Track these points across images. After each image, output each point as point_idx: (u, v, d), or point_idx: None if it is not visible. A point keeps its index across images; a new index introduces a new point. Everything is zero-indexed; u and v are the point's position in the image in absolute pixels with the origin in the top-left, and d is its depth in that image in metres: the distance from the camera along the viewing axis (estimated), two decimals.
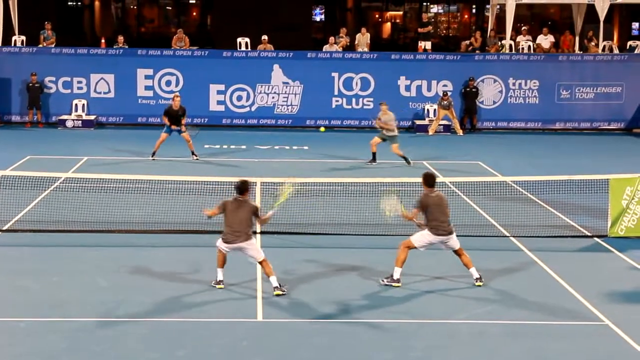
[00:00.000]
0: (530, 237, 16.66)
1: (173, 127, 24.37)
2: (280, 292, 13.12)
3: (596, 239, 16.85)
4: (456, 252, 13.80)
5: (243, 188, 13.28)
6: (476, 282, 13.70)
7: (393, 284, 13.59)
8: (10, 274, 13.88)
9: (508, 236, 16.78)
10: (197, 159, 24.30)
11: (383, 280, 13.72)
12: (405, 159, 24.26)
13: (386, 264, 14.94)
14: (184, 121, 24.69)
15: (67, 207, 17.55)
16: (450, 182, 20.14)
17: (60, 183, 19.71)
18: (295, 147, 27.75)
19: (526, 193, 20.03)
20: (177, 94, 25.96)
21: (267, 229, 16.64)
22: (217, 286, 13.37)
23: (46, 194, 18.92)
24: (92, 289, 13.24)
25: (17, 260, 14.75)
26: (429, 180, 13.65)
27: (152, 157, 24.58)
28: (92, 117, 31.27)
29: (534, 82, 32.14)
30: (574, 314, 12.65)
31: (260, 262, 13.33)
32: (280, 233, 16.67)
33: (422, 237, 13.65)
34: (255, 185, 18.62)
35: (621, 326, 12.04)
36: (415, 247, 13.70)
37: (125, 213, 17.42)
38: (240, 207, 13.22)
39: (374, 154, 24.54)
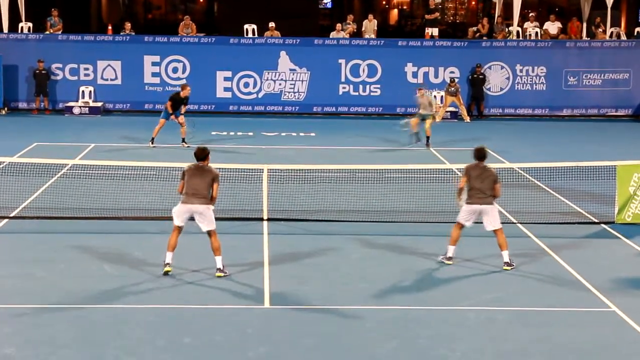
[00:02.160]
0: (537, 223, 16.63)
1: (172, 117, 24.33)
2: (222, 274, 13.21)
3: (603, 225, 16.81)
4: (495, 231, 13.96)
5: (200, 155, 13.40)
6: (504, 266, 13.92)
7: (445, 261, 14.08)
8: (17, 261, 13.90)
9: (515, 223, 16.75)
10: (187, 147, 24.28)
11: (440, 257, 14.26)
12: (428, 139, 24.95)
13: (393, 250, 14.94)
14: (184, 109, 24.73)
15: (74, 195, 17.56)
16: (457, 169, 20.09)
17: (67, 170, 19.72)
18: (302, 134, 27.73)
19: (533, 180, 19.99)
20: (187, 84, 25.70)
21: (274, 216, 16.64)
22: (165, 269, 13.27)
23: (53, 181, 18.93)
24: (99, 276, 13.24)
25: (24, 247, 14.76)
26: (476, 153, 14.21)
27: (151, 143, 24.68)
28: (99, 104, 31.29)
29: (542, 69, 32.06)
30: (581, 301, 12.62)
31: (209, 233, 13.26)
32: (287, 220, 16.66)
33: (462, 211, 14.07)
34: (263, 172, 18.62)
35: (628, 313, 12.01)
36: (463, 225, 14.09)
37: (132, 200, 17.42)
38: (200, 172, 13.32)
39: (416, 134, 25.11)
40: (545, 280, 13.54)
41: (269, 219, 16.59)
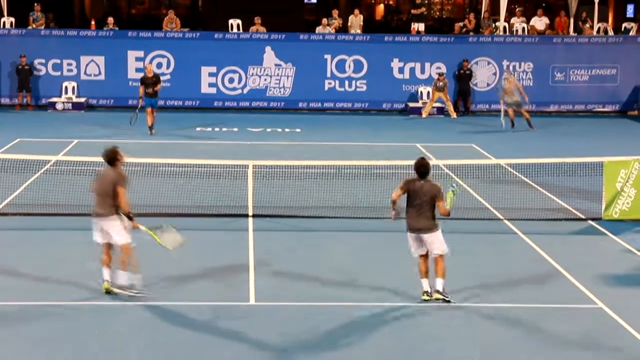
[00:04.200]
0: (524, 220, 16.56)
1: (146, 99, 25.48)
2: (121, 292, 11.93)
3: (590, 221, 16.76)
4: (436, 257, 12.01)
5: (106, 157, 12.10)
6: (436, 294, 11.97)
7: (425, 297, 12.08)
8: (0, 258, 13.74)
9: (502, 219, 16.68)
10: (151, 134, 25.44)
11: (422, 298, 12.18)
12: (512, 122, 27.49)
13: (379, 247, 14.84)
14: (159, 87, 25.69)
15: (57, 191, 17.39)
16: (443, 165, 20.02)
17: (51, 166, 19.54)
18: (287, 130, 27.62)
19: (520, 176, 19.93)
20: (149, 63, 27.34)
21: (259, 212, 16.52)
22: (103, 285, 12.05)
23: (36, 177, 18.75)
24: (82, 273, 13.09)
25: (7, 244, 14.59)
26: (416, 168, 11.97)
27: (150, 132, 25.48)
28: (83, 100, 31.06)
29: (528, 64, 32.02)
30: (568, 297, 12.56)
31: (121, 247, 11.93)
32: (273, 216, 16.55)
33: (409, 240, 12.21)
34: (248, 168, 18.48)
35: (615, 309, 11.95)
36: (420, 255, 12.20)
37: None
38: (101, 178, 12.00)
39: (512, 122, 27.67)
40: (532, 276, 13.46)
41: (254, 215, 16.48)
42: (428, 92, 31.31)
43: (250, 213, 16.58)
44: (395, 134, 27.12)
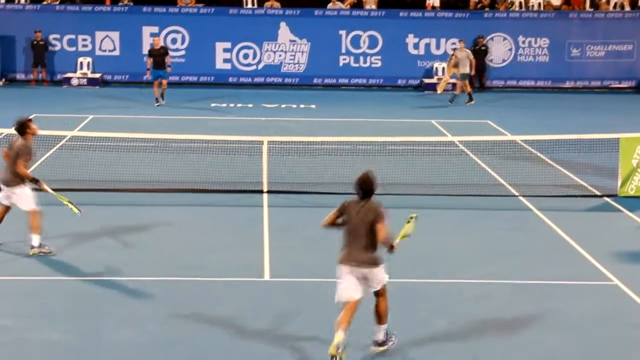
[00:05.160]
0: (539, 196, 16.50)
1: (153, 71, 26.24)
2: (36, 252, 12.61)
3: (606, 198, 16.69)
4: (376, 292, 9.58)
5: (17, 127, 12.67)
6: (374, 345, 9.75)
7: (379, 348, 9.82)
8: (15, 233, 13.78)
9: (517, 196, 16.63)
10: (158, 105, 26.15)
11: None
12: (470, 95, 27.17)
13: (392, 223, 14.81)
14: (168, 59, 26.29)
15: (72, 166, 17.43)
16: (458, 141, 19.97)
17: (66, 142, 19.57)
18: (302, 106, 27.57)
19: (535, 152, 19.85)
20: (157, 35, 28.48)
21: (274, 188, 16.52)
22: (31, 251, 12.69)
23: (51, 153, 18.79)
24: (98, 248, 13.14)
25: (22, 219, 14.63)
26: (358, 185, 9.77)
27: (156, 103, 26.06)
28: (98, 75, 31.09)
29: (544, 40, 31.80)
30: (583, 274, 12.53)
31: (29, 213, 12.66)
32: (287, 192, 16.54)
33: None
34: (262, 144, 18.47)
35: (631, 286, 11.92)
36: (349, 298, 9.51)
37: (131, 172, 17.29)
38: (11, 146, 12.67)
39: (454, 95, 27.66)
40: (546, 253, 13.44)
41: (268, 192, 16.48)
42: (443, 68, 31.16)
43: (265, 189, 16.58)
44: (410, 110, 27.05)
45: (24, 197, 12.73)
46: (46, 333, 10.06)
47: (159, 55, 26.23)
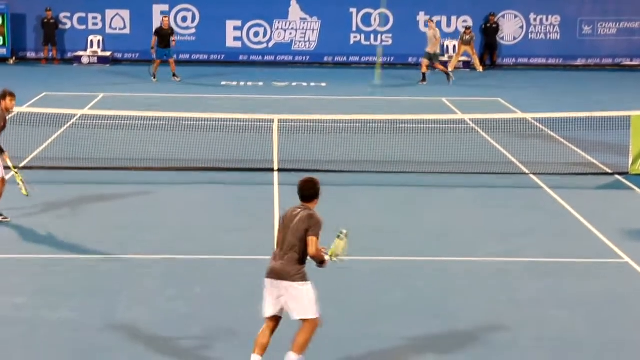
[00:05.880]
0: (550, 174, 16.48)
1: (159, 50, 26.67)
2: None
3: (617, 176, 16.65)
4: (303, 321, 8.45)
5: None
6: None
7: None
8: (26, 211, 13.85)
9: (528, 173, 16.60)
10: (178, 80, 26.63)
11: None
12: (448, 75, 26.74)
13: (404, 201, 14.85)
14: (173, 39, 26.64)
15: (83, 145, 17.48)
16: (469, 119, 19.93)
17: (77, 120, 19.62)
18: (313, 84, 27.53)
19: (546, 130, 19.80)
20: (166, 14, 28.59)
21: (284, 167, 16.54)
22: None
23: (62, 131, 18.84)
24: (108, 227, 13.20)
25: (33, 197, 14.70)
26: (299, 189, 8.71)
27: (153, 78, 26.59)
28: (108, 54, 31.08)
29: (556, 18, 31.63)
30: (593, 252, 12.53)
31: None
32: (298, 170, 16.54)
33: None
34: (273, 122, 18.47)
35: None
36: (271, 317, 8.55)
37: (141, 150, 17.32)
38: None
39: (423, 75, 26.97)
40: (557, 231, 13.43)
41: (279, 170, 16.49)
42: (454, 46, 31.05)
43: (276, 167, 16.60)
44: (421, 88, 26.99)
45: None
46: (60, 311, 10.12)
47: (166, 35, 26.49)
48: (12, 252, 12.17)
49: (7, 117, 13.19)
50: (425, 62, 27.44)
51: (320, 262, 8.56)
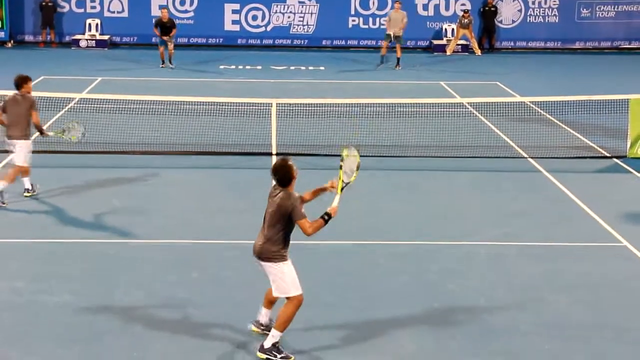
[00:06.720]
0: (548, 158, 16.49)
1: (164, 37, 26.48)
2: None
3: (615, 159, 16.67)
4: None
5: (17, 83, 13.48)
6: (251, 325, 9.14)
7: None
8: (23, 195, 13.86)
9: (526, 157, 16.61)
10: (172, 67, 26.44)
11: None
12: (382, 58, 26.95)
13: (403, 185, 14.86)
14: (173, 32, 26.48)
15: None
16: (467, 103, 19.93)
17: (75, 104, 19.59)
18: (311, 68, 27.49)
19: (544, 114, 19.80)
20: (165, 7, 28.60)
21: (283, 151, 16.54)
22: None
23: (60, 115, 18.81)
24: (108, 211, 13.21)
25: (32, 182, 14.72)
26: (272, 172, 9.13)
27: (162, 64, 26.56)
28: (106, 37, 31.02)
29: (554, 1, 31.57)
30: (591, 235, 12.55)
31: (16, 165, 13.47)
32: (296, 154, 16.55)
33: None
34: (271, 106, 18.47)
35: (639, 247, 11.94)
36: None
37: (140, 134, 17.31)
38: (18, 102, 13.43)
39: (382, 57, 27.10)
40: (555, 214, 13.46)
41: (277, 154, 16.49)
42: (452, 30, 31.00)
43: (274, 151, 16.60)
44: (419, 72, 26.96)
45: (21, 151, 13.46)
46: (58, 295, 10.14)
47: (167, 28, 26.48)
48: (11, 236, 12.18)
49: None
50: (398, 46, 27.27)
51: (326, 222, 8.86)
